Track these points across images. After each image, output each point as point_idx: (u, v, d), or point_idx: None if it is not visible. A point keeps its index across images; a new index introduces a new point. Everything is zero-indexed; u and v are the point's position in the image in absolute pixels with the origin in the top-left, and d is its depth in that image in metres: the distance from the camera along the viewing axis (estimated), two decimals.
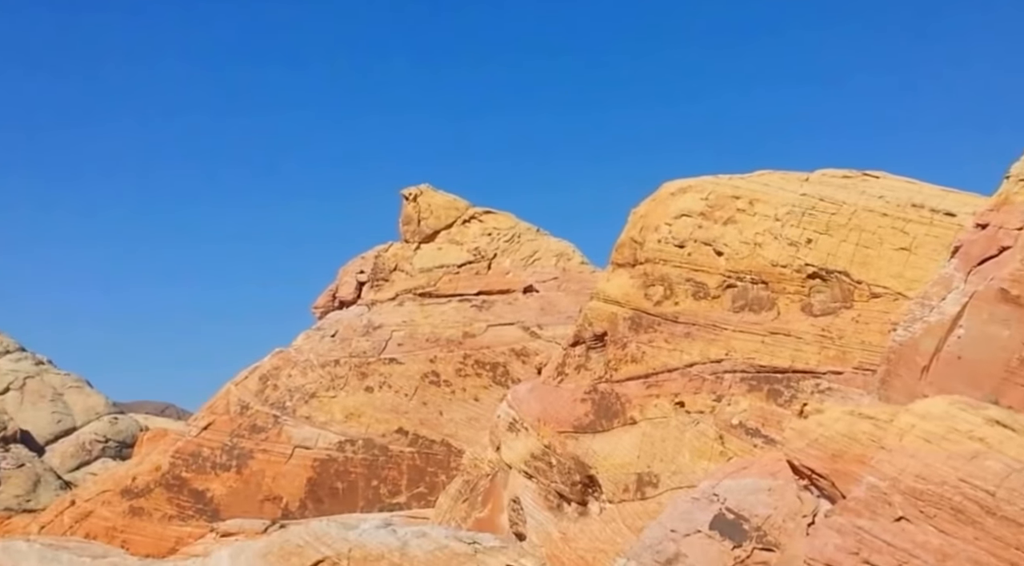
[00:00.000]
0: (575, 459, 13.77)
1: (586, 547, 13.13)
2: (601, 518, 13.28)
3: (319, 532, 13.42)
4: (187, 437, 26.14)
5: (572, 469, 13.76)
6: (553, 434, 14.31)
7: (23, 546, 16.08)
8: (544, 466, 14.17)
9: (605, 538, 13.00)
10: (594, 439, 13.83)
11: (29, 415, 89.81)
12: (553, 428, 14.39)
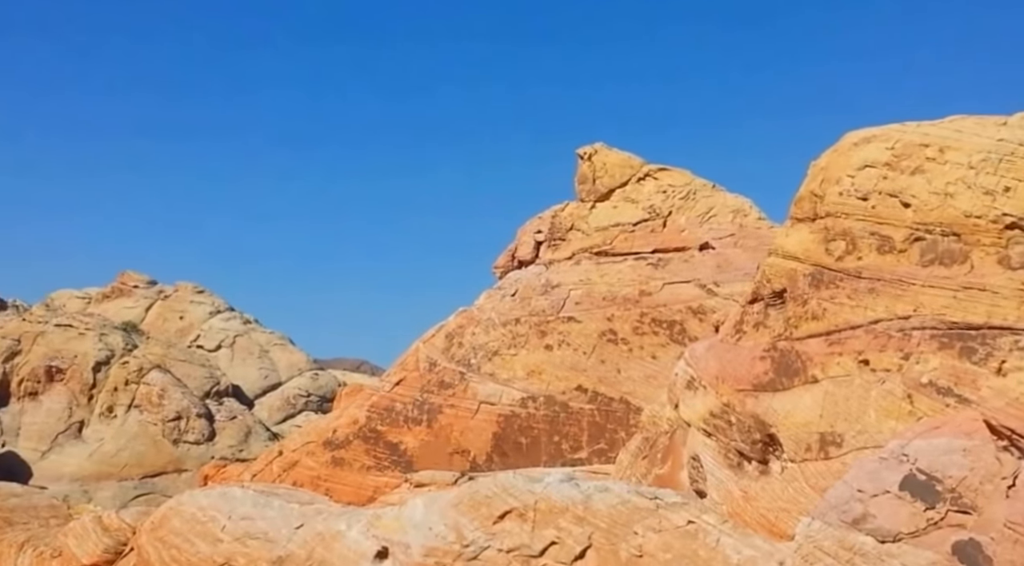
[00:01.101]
0: (755, 418, 13.31)
1: (768, 506, 12.71)
2: (783, 477, 12.81)
3: (506, 484, 13.47)
4: (381, 392, 26.86)
5: (752, 428, 13.31)
6: (732, 392, 13.88)
7: (238, 492, 16.77)
8: (723, 424, 13.77)
9: (787, 497, 12.54)
10: (774, 398, 13.32)
11: (239, 371, 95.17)
12: (731, 386, 13.95)
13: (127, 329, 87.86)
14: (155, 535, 16.55)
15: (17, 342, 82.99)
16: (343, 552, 14.07)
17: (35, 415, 78.68)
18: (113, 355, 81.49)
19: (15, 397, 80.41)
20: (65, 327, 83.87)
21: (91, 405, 79.44)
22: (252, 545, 15.10)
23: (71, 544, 18.76)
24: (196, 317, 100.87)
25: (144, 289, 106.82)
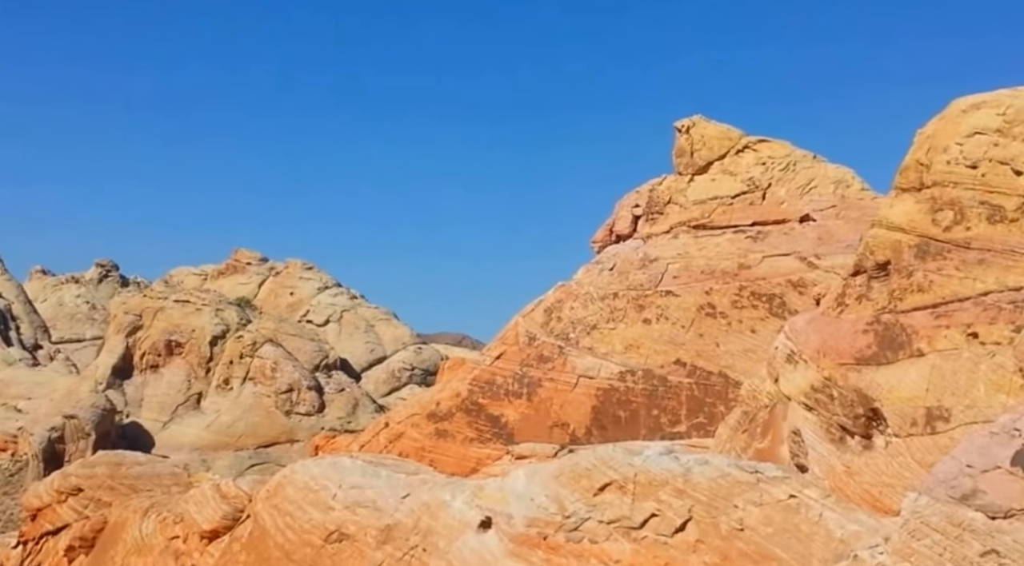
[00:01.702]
0: (858, 392, 12.94)
1: (872, 481, 12.36)
2: (887, 452, 12.43)
3: (606, 456, 13.41)
4: (482, 366, 27.02)
5: (855, 402, 12.94)
6: (833, 366, 13.51)
7: (348, 462, 17.09)
8: (825, 398, 13.43)
9: (892, 472, 12.17)
10: (878, 371, 12.91)
11: (346, 345, 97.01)
12: (833, 360, 13.58)
13: (241, 305, 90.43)
14: (270, 503, 16.98)
15: (139, 317, 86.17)
16: (448, 521, 14.22)
17: (156, 387, 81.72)
18: (228, 330, 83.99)
19: (137, 370, 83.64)
20: (183, 303, 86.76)
21: (208, 378, 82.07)
22: (361, 513, 15.37)
23: (192, 510, 19.37)
24: (305, 293, 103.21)
25: (256, 266, 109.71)
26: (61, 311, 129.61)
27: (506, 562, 13.00)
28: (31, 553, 24.22)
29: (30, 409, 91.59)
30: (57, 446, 71.07)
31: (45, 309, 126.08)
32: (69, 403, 77.47)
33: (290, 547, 15.91)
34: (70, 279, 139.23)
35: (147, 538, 20.09)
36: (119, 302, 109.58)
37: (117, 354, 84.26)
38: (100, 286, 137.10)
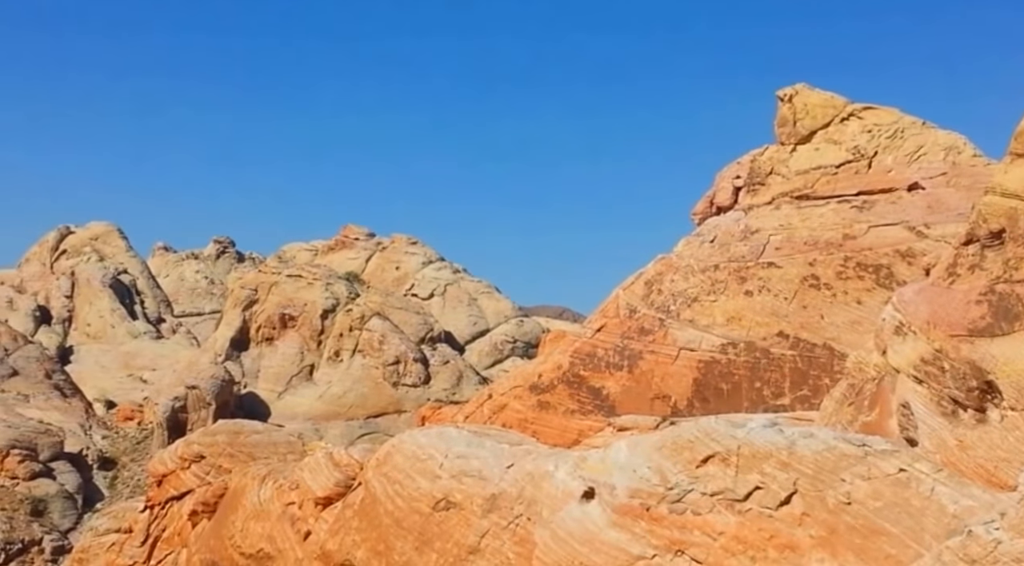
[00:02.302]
0: (970, 364, 12.40)
1: (986, 455, 11.86)
2: (1002, 426, 11.90)
3: (708, 429, 13.18)
4: (583, 338, 26.90)
5: (967, 374, 12.41)
6: (944, 338, 12.98)
7: (454, 432, 17.20)
8: (936, 371, 12.92)
9: (1008, 447, 11.65)
10: (992, 343, 12.35)
11: (450, 318, 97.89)
12: (944, 331, 13.05)
13: (350, 279, 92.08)
14: (380, 471, 17.22)
15: (254, 292, 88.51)
16: (551, 491, 14.19)
17: (271, 359, 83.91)
18: (338, 303, 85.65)
19: (254, 342, 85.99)
20: (296, 278, 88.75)
21: (320, 350, 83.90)
22: (467, 482, 15.46)
23: (306, 478, 19.77)
24: (411, 267, 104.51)
25: (364, 241, 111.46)
26: (182, 286, 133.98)
27: (609, 532, 12.91)
28: (157, 517, 25.13)
29: (154, 380, 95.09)
30: (180, 415, 73.66)
31: (167, 284, 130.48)
32: (191, 374, 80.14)
33: (400, 514, 16.11)
34: (190, 255, 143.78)
35: (265, 504, 20.60)
36: (236, 277, 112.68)
37: (234, 327, 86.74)
38: (218, 262, 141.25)
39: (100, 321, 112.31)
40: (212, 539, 21.69)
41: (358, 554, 16.72)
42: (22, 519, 62.90)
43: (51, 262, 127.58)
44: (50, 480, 67.21)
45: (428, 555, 15.15)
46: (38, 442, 69.12)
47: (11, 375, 79.73)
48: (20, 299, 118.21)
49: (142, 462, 69.99)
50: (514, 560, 13.87)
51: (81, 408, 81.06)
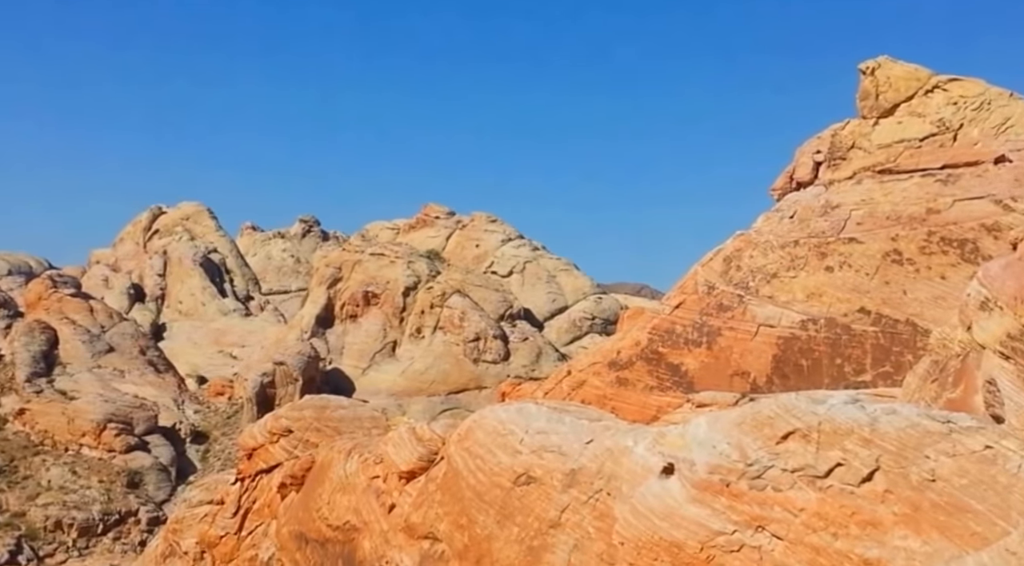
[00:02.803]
0: None
1: None
2: None
3: (789, 405, 13.04)
4: (661, 315, 26.74)
5: None
6: None
7: (534, 408, 17.31)
8: (1023, 347, 12.56)
9: None
10: None
11: (529, 295, 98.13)
12: None
13: (431, 257, 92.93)
14: (462, 446, 17.43)
15: (339, 270, 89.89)
16: (631, 467, 14.21)
17: (355, 336, 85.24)
18: (419, 281, 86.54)
19: (338, 319, 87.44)
20: (378, 256, 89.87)
21: (402, 327, 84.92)
22: (547, 457, 15.56)
23: (390, 452, 20.11)
24: (490, 245, 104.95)
25: (444, 219, 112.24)
26: (269, 264, 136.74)
27: (689, 508, 12.89)
28: (248, 489, 25.80)
29: (243, 356, 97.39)
30: (268, 390, 75.38)
31: (255, 263, 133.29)
32: (278, 351, 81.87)
33: (481, 488, 16.30)
34: (276, 234, 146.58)
35: (351, 477, 21.01)
36: (320, 256, 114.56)
37: (320, 305, 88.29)
38: (303, 240, 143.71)
39: (191, 299, 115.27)
40: (300, 511, 22.21)
41: (441, 527, 16.97)
42: (119, 491, 65.12)
43: (144, 242, 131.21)
44: (145, 453, 69.42)
45: (509, 529, 15.31)
46: (134, 416, 71.40)
47: (107, 351, 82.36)
48: (115, 278, 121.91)
49: (232, 436, 71.88)
50: (594, 534, 13.95)
51: (174, 383, 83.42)
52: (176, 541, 28.56)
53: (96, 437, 68.75)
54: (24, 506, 62.24)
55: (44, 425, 70.05)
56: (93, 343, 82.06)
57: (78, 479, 65.60)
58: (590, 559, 13.80)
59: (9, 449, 67.86)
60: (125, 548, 61.11)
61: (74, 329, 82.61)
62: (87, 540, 61.35)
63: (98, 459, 67.81)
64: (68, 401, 72.09)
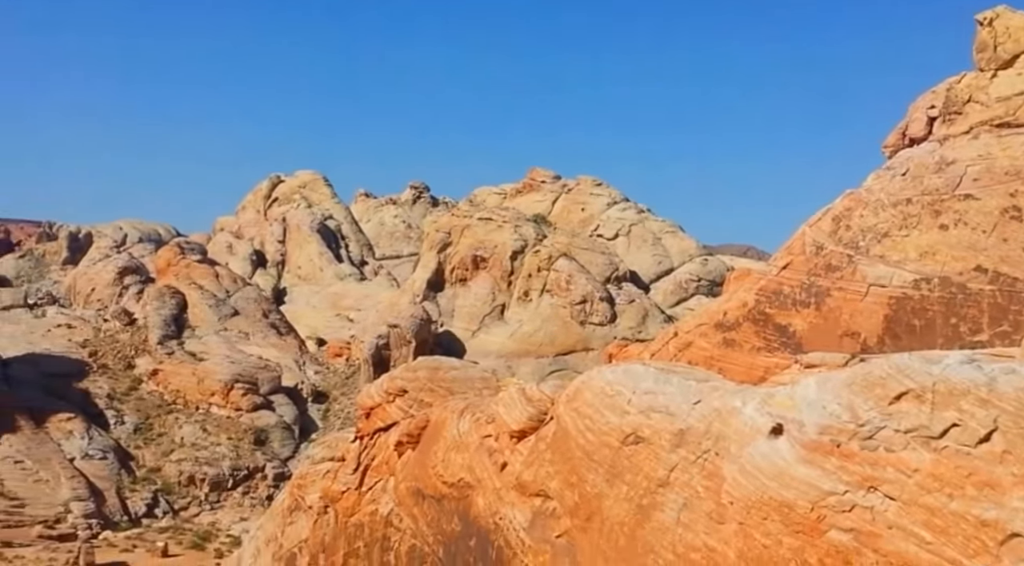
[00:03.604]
0: None
1: None
2: None
3: (901, 365, 12.65)
4: (768, 276, 26.25)
5: None
6: None
7: (640, 369, 17.23)
8: None
9: None
10: None
11: (635, 258, 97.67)
12: None
13: (537, 221, 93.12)
14: (570, 406, 17.50)
15: (448, 235, 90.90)
16: (739, 427, 14.04)
17: (465, 299, 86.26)
18: (527, 245, 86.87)
19: (448, 283, 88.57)
20: (486, 220, 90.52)
21: (510, 290, 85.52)
22: (655, 418, 15.51)
23: (501, 412, 20.33)
24: (596, 208, 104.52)
25: (550, 184, 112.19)
26: (382, 230, 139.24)
27: (799, 468, 12.69)
28: (367, 447, 26.46)
29: (359, 319, 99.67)
30: (383, 352, 77.04)
31: (368, 228, 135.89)
32: (392, 314, 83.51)
33: (590, 448, 16.36)
34: (389, 201, 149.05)
35: (464, 436, 21.34)
36: (431, 221, 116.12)
37: (430, 269, 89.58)
38: (414, 206, 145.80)
39: (310, 264, 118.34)
40: (417, 468, 22.69)
41: (552, 485, 17.13)
42: (247, 447, 67.73)
43: (265, 209, 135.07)
44: (270, 412, 71.95)
45: (619, 487, 15.35)
46: (259, 377, 73.99)
47: (232, 315, 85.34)
48: (238, 244, 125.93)
49: (351, 395, 73.85)
50: (703, 493, 13.87)
51: (295, 345, 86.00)
52: (301, 496, 29.53)
53: (224, 396, 71.56)
54: (159, 462, 65.36)
55: (176, 385, 73.23)
56: (219, 307, 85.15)
57: (208, 436, 68.47)
58: (699, 518, 13.74)
59: (144, 408, 71.23)
60: (253, 502, 63.65)
61: (201, 294, 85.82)
62: (218, 494, 64.11)
63: (226, 417, 70.62)
64: (197, 362, 75.13)
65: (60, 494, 57.39)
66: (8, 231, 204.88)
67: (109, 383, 73.24)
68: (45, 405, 66.12)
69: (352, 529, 24.88)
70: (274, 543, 29.71)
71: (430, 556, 20.80)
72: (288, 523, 29.48)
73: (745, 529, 12.92)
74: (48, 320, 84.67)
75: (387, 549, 22.86)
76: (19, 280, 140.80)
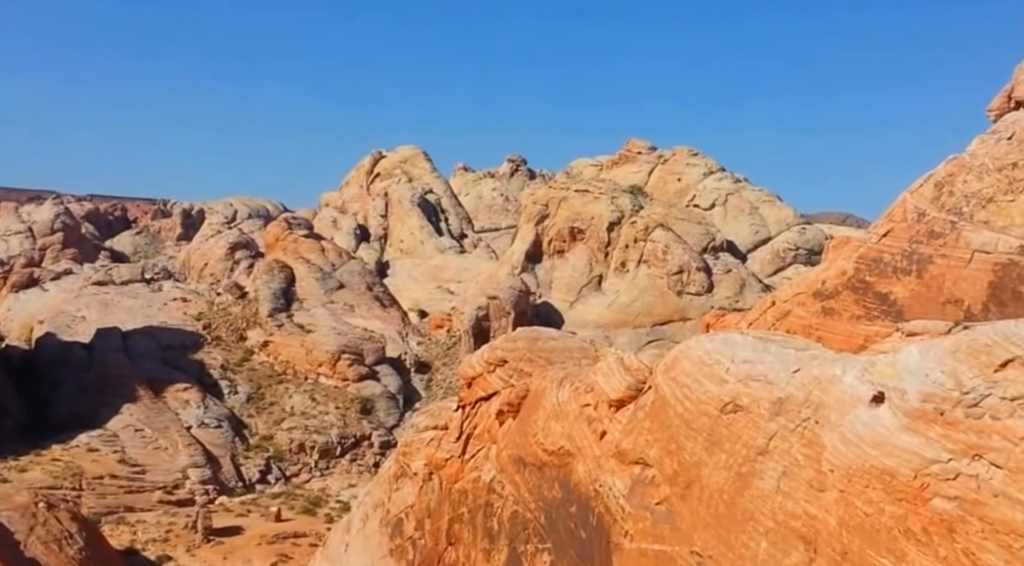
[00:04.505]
0: None
1: None
2: None
3: (1008, 332, 12.32)
4: (868, 244, 25.65)
5: None
6: None
7: (739, 338, 17.08)
8: None
9: None
10: None
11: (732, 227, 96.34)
12: None
13: (633, 192, 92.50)
14: (669, 375, 17.52)
15: (545, 207, 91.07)
16: (839, 396, 13.89)
17: (563, 270, 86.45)
18: (623, 216, 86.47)
19: (546, 255, 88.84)
20: (583, 192, 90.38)
21: (607, 261, 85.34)
22: (754, 386, 15.43)
23: (600, 381, 20.44)
24: (692, 178, 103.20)
25: (646, 155, 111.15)
26: (480, 203, 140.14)
27: (901, 436, 12.51)
28: (469, 416, 26.89)
29: (459, 291, 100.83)
30: (483, 323, 77.90)
31: (467, 202, 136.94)
32: (491, 286, 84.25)
33: (688, 416, 16.38)
34: (487, 174, 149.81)
35: (563, 405, 21.54)
36: (528, 193, 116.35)
37: (528, 241, 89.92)
38: (512, 180, 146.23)
39: (411, 237, 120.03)
40: (518, 436, 23.02)
41: (651, 453, 17.21)
42: (353, 416, 69.45)
43: (367, 184, 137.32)
44: (375, 382, 73.55)
45: (717, 455, 15.36)
46: (364, 348, 75.65)
47: (338, 288, 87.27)
48: (343, 219, 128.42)
49: (452, 366, 74.92)
50: (803, 461, 13.79)
51: (398, 317, 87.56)
52: (406, 463, 30.21)
53: (331, 367, 73.43)
54: (271, 430, 67.56)
55: (286, 356, 75.44)
56: (325, 280, 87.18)
57: (317, 405, 70.43)
58: (800, 486, 13.67)
59: (256, 378, 73.61)
60: (361, 469, 65.36)
61: (308, 267, 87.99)
62: (327, 461, 66.01)
63: (334, 387, 72.49)
64: (306, 334, 77.22)
65: (178, 461, 59.88)
66: (125, 209, 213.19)
67: (222, 354, 75.89)
68: (163, 376, 68.98)
69: (456, 495, 25.41)
70: (381, 508, 30.52)
71: (532, 522, 21.14)
72: (394, 489, 30.22)
73: (846, 497, 12.82)
74: (164, 294, 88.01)
75: (490, 515, 23.30)
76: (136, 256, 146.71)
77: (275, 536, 50.38)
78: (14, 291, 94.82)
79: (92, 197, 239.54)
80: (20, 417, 64.65)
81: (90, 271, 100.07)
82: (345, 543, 31.91)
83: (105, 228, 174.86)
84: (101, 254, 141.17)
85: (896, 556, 12.00)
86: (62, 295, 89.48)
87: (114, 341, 72.89)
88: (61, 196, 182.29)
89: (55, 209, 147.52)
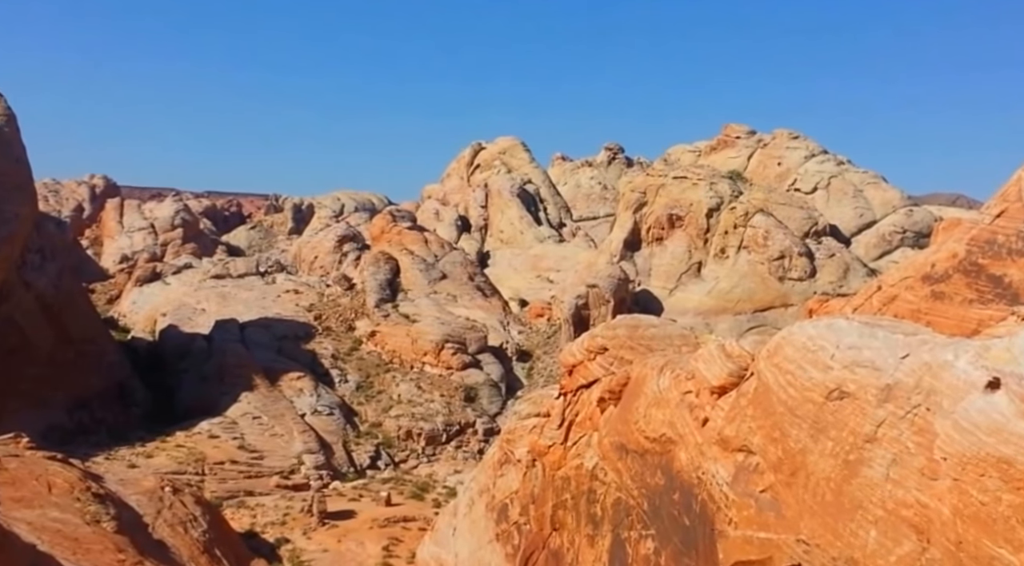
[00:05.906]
0: None
1: None
2: None
3: None
4: (980, 225, 24.56)
5: None
6: None
7: (843, 323, 16.58)
8: None
9: None
10: None
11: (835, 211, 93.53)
12: None
13: (732, 177, 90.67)
14: (771, 362, 17.10)
15: (643, 195, 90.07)
16: (952, 381, 13.32)
17: (662, 257, 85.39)
18: (722, 202, 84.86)
19: (645, 242, 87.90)
20: (681, 179, 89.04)
21: (706, 247, 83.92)
22: (860, 373, 14.92)
23: (701, 368, 20.11)
24: (792, 162, 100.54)
25: (745, 139, 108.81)
26: (578, 192, 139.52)
27: (1019, 423, 11.92)
28: (570, 403, 26.83)
29: (559, 280, 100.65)
30: (583, 312, 77.59)
31: (565, 191, 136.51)
32: (590, 274, 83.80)
33: (792, 403, 15.96)
34: (584, 163, 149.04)
35: (664, 392, 21.27)
36: (626, 181, 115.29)
37: (627, 229, 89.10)
38: (609, 168, 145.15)
39: (511, 227, 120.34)
40: (619, 424, 22.84)
41: (754, 440, 16.85)
42: (458, 404, 70.12)
43: (467, 176, 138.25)
44: (478, 370, 74.10)
45: (823, 443, 14.93)
46: (467, 337, 76.28)
47: (441, 278, 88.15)
48: (444, 211, 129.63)
49: (553, 354, 74.91)
50: (914, 449, 13.28)
51: (499, 306, 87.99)
52: (510, 450, 30.36)
53: (436, 356, 74.29)
54: (380, 417, 68.75)
55: (392, 345, 76.63)
56: (429, 271, 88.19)
57: (423, 393, 71.36)
58: (911, 474, 13.16)
59: (365, 367, 75.00)
60: (466, 455, 66.00)
61: (412, 259, 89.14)
62: (433, 448, 66.85)
63: (438, 375, 73.31)
64: (411, 324, 78.28)
65: (293, 447, 61.48)
66: (240, 205, 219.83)
67: (333, 344, 77.54)
68: (278, 365, 70.87)
69: (559, 482, 25.39)
70: (487, 494, 30.74)
71: (635, 509, 20.96)
72: (499, 475, 30.40)
73: (960, 486, 12.29)
74: (278, 286, 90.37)
75: (593, 501, 23.20)
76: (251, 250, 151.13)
77: (386, 520, 51.30)
78: (138, 285, 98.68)
79: (209, 194, 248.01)
80: (146, 406, 67.38)
81: (208, 265, 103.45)
82: (453, 527, 32.27)
83: (221, 223, 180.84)
84: (218, 248, 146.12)
85: (1015, 546, 11.46)
86: (183, 288, 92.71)
87: (232, 332, 75.21)
88: (180, 194, 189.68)
89: (175, 206, 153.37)
